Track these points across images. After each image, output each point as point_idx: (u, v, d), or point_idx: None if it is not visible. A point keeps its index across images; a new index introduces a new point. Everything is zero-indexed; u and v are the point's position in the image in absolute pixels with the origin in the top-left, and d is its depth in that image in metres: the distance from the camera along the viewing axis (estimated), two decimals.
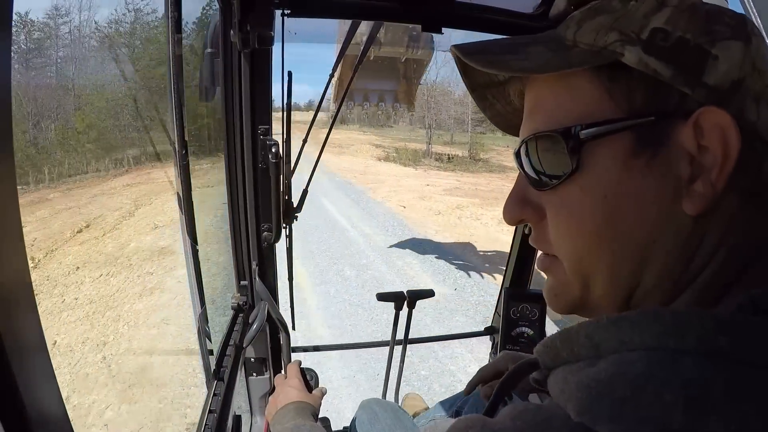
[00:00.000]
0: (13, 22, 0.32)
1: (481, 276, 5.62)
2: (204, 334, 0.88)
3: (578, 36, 0.36)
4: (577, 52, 0.35)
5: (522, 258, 1.64)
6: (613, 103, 0.33)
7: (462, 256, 6.43)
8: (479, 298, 4.93)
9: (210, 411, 0.92)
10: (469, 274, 5.67)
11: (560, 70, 0.35)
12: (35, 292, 0.35)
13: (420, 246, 6.95)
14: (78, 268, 6.06)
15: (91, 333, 4.33)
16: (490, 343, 1.81)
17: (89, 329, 4.41)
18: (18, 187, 0.33)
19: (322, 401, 0.99)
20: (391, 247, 6.90)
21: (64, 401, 0.39)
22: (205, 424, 0.89)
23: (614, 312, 0.35)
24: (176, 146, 0.67)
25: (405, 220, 8.66)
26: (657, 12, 0.33)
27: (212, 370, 0.96)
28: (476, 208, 9.71)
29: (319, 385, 1.06)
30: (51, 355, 0.36)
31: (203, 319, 0.87)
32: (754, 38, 0.32)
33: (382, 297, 1.61)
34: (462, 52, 0.38)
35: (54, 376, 0.37)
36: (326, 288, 5.11)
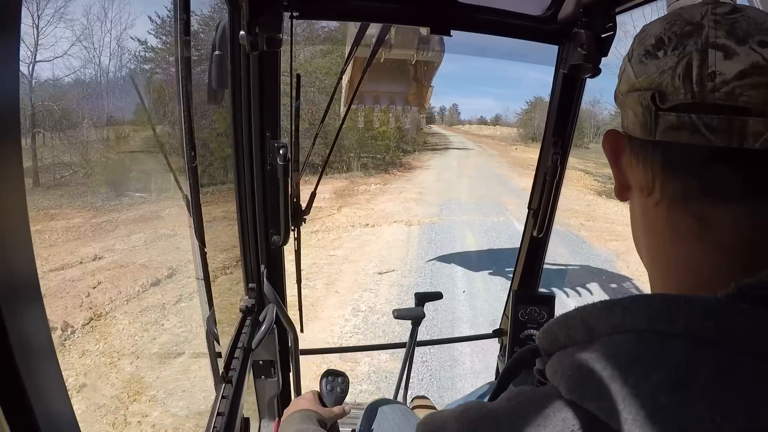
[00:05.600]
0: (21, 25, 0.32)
1: None
2: (213, 336, 0.88)
3: None
4: None
5: (530, 260, 1.63)
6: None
7: None
8: None
9: (218, 414, 0.92)
10: None
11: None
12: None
13: None
14: None
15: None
16: (498, 345, 1.81)
17: None
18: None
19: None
20: None
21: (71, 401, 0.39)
22: (214, 427, 0.89)
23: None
24: (185, 149, 0.67)
25: None
26: None
27: (220, 373, 0.96)
28: None
29: (349, 390, 1.07)
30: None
31: (212, 321, 0.87)
32: (639, 47, 0.37)
33: (400, 315, 1.62)
34: None
35: (61, 376, 0.37)
36: None
